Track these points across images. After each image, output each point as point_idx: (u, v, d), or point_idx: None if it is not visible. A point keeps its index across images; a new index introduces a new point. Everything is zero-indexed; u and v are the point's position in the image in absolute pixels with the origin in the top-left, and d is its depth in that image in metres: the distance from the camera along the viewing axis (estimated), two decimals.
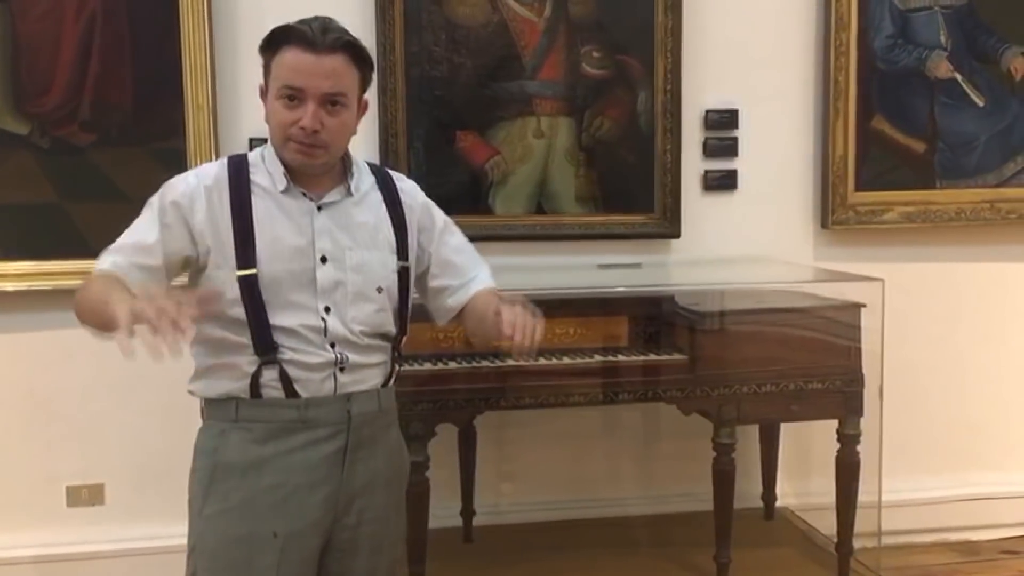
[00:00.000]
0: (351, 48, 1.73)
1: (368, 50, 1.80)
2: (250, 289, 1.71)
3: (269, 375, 1.73)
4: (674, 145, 3.22)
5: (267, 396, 1.74)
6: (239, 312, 1.71)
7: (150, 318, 1.41)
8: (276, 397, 1.74)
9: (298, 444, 1.75)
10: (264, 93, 1.78)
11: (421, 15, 3.05)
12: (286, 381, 1.73)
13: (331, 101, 1.71)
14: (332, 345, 1.76)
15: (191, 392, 1.82)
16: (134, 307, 1.45)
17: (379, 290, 1.81)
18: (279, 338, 1.72)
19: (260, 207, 1.74)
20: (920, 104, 3.36)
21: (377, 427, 1.84)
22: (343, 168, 1.84)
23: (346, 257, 1.78)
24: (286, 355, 1.73)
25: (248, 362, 1.73)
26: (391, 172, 1.96)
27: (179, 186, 1.76)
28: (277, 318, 1.72)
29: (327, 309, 1.75)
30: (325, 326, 1.75)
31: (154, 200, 1.76)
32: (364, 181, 1.86)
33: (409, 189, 1.94)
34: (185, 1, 2.89)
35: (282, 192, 1.76)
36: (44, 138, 2.91)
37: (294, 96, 1.69)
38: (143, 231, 1.74)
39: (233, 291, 1.71)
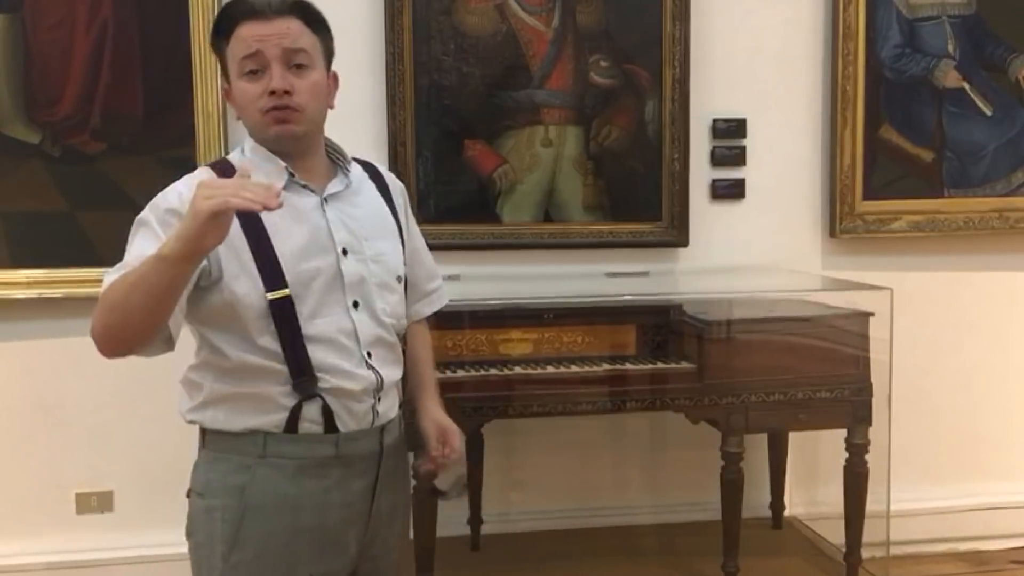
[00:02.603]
0: (300, 9, 1.65)
1: (322, 13, 1.70)
2: (283, 311, 1.58)
3: (311, 409, 1.61)
4: (682, 154, 3.22)
5: (303, 431, 1.62)
6: (269, 336, 1.59)
7: (234, 189, 1.34)
8: (313, 432, 1.62)
9: (333, 482, 1.65)
10: (228, 94, 1.69)
11: (430, 25, 3.07)
12: (328, 415, 1.62)
13: (295, 64, 1.62)
14: (368, 355, 1.67)
15: (193, 422, 1.68)
16: (208, 195, 1.33)
17: (398, 279, 1.75)
18: (315, 354, 1.60)
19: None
20: (928, 113, 3.35)
21: (399, 454, 1.79)
22: (332, 158, 1.76)
23: (364, 248, 1.69)
24: (327, 383, 1.61)
25: (282, 392, 1.60)
26: (372, 162, 1.88)
27: (171, 197, 1.60)
28: (309, 328, 1.60)
29: (355, 304, 1.66)
30: (355, 327, 1.65)
31: (146, 216, 1.59)
32: (356, 171, 1.79)
33: (392, 178, 1.89)
34: (195, 9, 2.91)
35: (283, 190, 1.57)
36: (55, 147, 2.93)
37: (256, 69, 1.61)
38: (147, 246, 1.51)
39: (259, 305, 1.58)
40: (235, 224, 1.53)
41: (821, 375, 2.82)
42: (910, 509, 3.28)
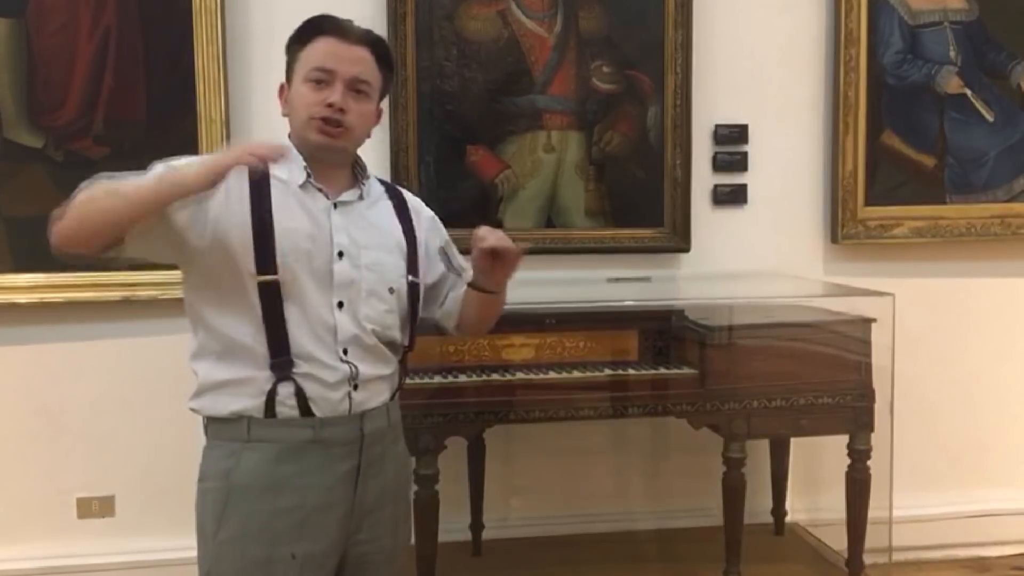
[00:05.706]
0: (379, 45, 1.83)
1: (392, 55, 1.88)
2: (270, 295, 1.70)
3: (285, 392, 1.71)
4: (684, 160, 3.22)
5: (282, 415, 1.72)
6: (256, 315, 1.70)
7: (245, 150, 1.56)
8: (291, 416, 1.72)
9: (313, 465, 1.73)
10: (283, 91, 1.82)
11: (433, 30, 3.08)
12: (302, 399, 1.72)
13: (357, 89, 1.77)
14: (344, 351, 1.75)
15: (194, 410, 1.79)
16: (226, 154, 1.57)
17: (391, 291, 1.82)
18: (295, 339, 1.71)
19: (278, 199, 1.74)
20: (930, 119, 3.36)
21: (387, 442, 1.85)
22: (355, 172, 1.87)
23: (361, 255, 1.78)
24: (301, 368, 1.71)
25: (263, 378, 1.71)
26: (398, 186, 2.00)
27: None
28: (292, 313, 1.71)
29: (340, 304, 1.75)
30: (336, 324, 1.74)
31: (160, 167, 1.66)
32: (375, 188, 1.90)
33: (416, 203, 1.98)
34: (199, 15, 2.92)
35: (299, 187, 1.76)
36: (58, 151, 2.93)
37: (322, 79, 1.75)
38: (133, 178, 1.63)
39: (250, 284, 1.70)
40: (245, 204, 1.71)
41: (823, 381, 2.82)
42: (912, 515, 3.28)
